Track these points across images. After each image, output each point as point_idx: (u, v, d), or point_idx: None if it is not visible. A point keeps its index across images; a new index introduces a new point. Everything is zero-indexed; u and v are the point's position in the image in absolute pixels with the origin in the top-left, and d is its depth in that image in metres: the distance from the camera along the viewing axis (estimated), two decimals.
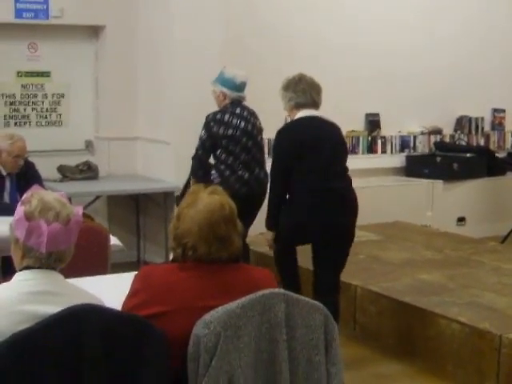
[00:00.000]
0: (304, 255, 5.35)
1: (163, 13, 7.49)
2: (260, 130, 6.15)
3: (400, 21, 9.04)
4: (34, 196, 2.66)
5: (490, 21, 9.68)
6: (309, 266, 6.09)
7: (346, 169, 5.18)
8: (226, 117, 5.96)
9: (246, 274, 2.87)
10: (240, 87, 6.05)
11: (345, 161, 5.21)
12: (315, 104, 5.17)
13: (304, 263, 6.02)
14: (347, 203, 5.06)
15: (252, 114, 6.09)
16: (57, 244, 2.61)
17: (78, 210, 2.72)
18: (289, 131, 5.23)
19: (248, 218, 5.60)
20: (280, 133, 5.26)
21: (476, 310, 5.26)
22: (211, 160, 6.13)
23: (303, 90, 5.15)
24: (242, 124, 5.97)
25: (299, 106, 5.15)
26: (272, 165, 5.24)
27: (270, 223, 5.17)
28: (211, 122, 5.97)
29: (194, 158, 6.07)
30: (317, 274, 5.14)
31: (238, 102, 6.04)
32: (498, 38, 9.72)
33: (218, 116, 5.97)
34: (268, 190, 5.34)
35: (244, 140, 5.98)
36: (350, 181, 5.18)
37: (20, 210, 2.64)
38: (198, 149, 6.05)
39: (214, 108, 6.12)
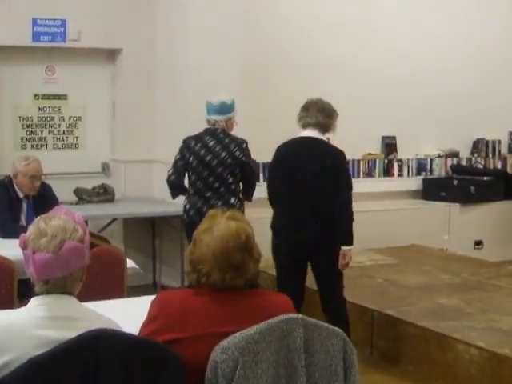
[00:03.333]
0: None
1: (180, 36, 7.52)
2: (224, 162, 6.00)
3: (417, 45, 9.04)
4: (35, 222, 2.65)
5: (506, 45, 9.66)
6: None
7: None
8: (193, 143, 6.03)
9: (263, 299, 2.83)
10: (212, 110, 6.05)
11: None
12: (319, 125, 5.39)
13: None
14: None
15: (223, 144, 5.99)
16: (49, 272, 2.57)
17: (84, 235, 2.67)
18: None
19: None
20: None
21: (495, 334, 5.21)
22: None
23: (312, 111, 5.43)
24: (202, 153, 5.98)
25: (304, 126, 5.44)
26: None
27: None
28: (183, 144, 6.08)
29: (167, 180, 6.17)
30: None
31: (212, 129, 6.03)
32: None
33: (188, 141, 6.06)
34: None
35: (200, 169, 6.01)
36: None
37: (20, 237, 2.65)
38: (169, 170, 6.15)
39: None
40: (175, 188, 6.17)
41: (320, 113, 5.38)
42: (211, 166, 5.97)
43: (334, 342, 2.75)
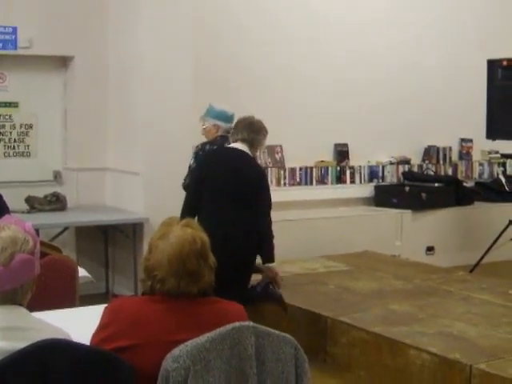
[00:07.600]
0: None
1: (133, 43, 7.50)
2: None
3: (369, 52, 9.12)
4: None
5: (458, 53, 9.80)
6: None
7: None
8: None
9: (216, 307, 2.83)
10: (231, 119, 6.10)
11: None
12: (245, 140, 5.57)
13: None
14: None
15: None
16: None
17: (34, 246, 2.63)
18: None
19: None
20: None
21: (446, 340, 5.25)
22: None
23: (240, 128, 5.63)
24: None
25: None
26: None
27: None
28: (200, 152, 6.01)
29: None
30: None
31: (227, 137, 6.02)
32: (465, 68, 9.82)
33: (208, 147, 5.99)
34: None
35: None
36: None
37: None
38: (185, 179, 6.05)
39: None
40: None
41: (246, 129, 5.55)
42: None
43: (286, 349, 2.76)
